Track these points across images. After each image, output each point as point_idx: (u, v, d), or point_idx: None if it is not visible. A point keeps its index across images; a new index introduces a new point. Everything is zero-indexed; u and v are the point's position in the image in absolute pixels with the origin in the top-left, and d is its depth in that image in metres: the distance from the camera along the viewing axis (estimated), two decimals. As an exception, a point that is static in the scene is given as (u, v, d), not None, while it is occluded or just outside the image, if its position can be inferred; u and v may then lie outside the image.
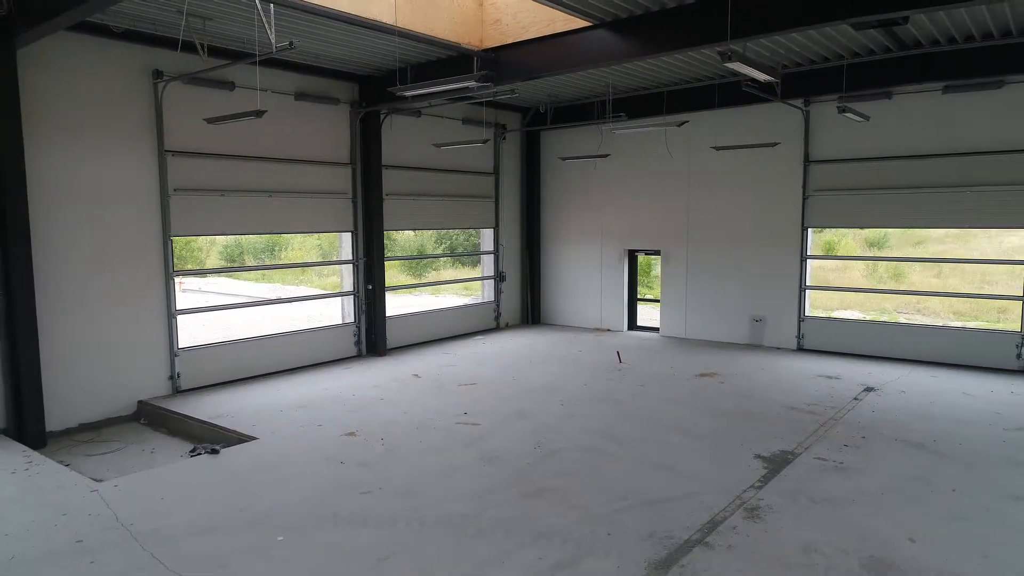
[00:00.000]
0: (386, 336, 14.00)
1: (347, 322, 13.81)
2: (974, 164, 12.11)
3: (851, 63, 12.06)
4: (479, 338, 15.85)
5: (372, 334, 13.84)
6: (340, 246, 13.93)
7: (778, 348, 14.22)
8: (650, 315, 17.01)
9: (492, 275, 17.21)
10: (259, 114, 8.99)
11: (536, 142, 17.51)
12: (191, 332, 11.44)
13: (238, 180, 11.59)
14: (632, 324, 16.89)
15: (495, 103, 15.40)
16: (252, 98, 10.90)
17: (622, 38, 9.74)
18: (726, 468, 7.59)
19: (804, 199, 13.82)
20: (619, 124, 14.34)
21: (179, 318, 11.00)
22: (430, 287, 22.97)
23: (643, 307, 17.31)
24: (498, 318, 17.17)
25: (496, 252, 17.12)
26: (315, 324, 13.60)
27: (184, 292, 11.36)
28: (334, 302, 14.41)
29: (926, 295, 18.25)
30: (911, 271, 21.07)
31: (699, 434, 8.81)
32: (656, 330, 16.24)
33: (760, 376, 11.91)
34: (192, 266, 23.42)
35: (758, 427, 9.05)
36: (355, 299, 13.83)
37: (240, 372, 11.76)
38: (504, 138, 16.88)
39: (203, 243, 26.20)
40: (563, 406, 10.12)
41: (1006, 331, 12.43)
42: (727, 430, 8.97)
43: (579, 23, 9.95)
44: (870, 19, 8.31)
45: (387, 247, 14.10)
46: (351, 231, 13.63)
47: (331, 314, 14.13)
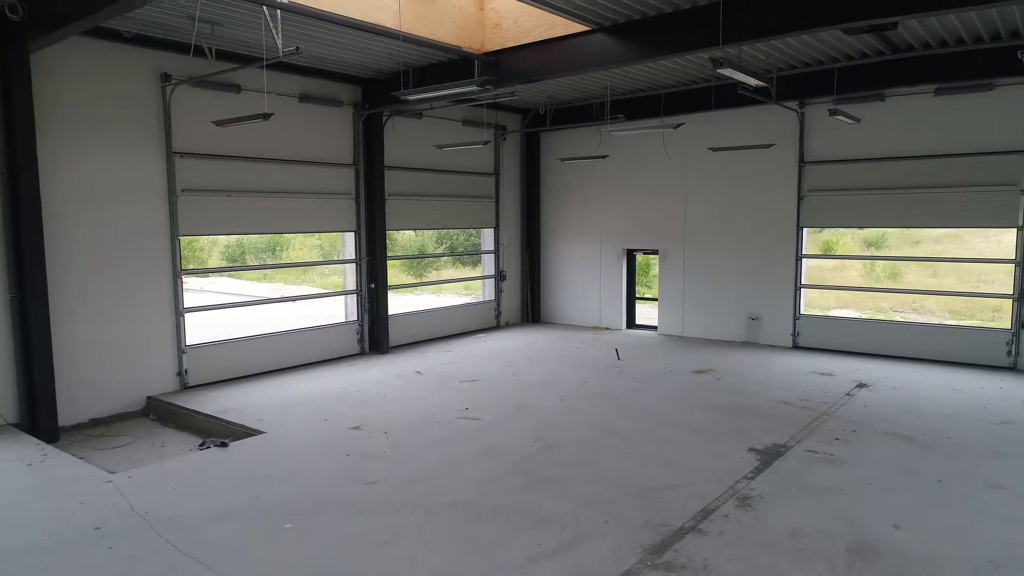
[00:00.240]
0: (388, 334, 14.25)
1: (350, 320, 14.06)
2: (965, 165, 12.35)
3: (845, 66, 12.31)
4: (480, 336, 16.09)
5: (375, 332, 14.09)
6: (343, 245, 14.18)
7: (774, 346, 14.47)
8: (648, 314, 17.26)
9: (493, 274, 17.46)
10: (266, 117, 9.25)
11: (536, 143, 17.76)
12: (195, 330, 11.64)
13: (244, 181, 11.84)
14: (631, 322, 17.14)
15: (495, 105, 15.65)
16: (257, 100, 11.17)
17: (620, 42, 9.99)
18: (720, 460, 7.84)
19: (799, 199, 14.07)
20: (617, 126, 14.60)
21: (186, 316, 11.27)
22: (431, 287, 23.21)
23: (642, 306, 17.56)
24: (498, 316, 17.42)
25: (496, 251, 17.37)
26: (319, 322, 13.82)
27: (187, 292, 11.57)
28: (336, 302, 14.67)
29: (918, 294, 18.48)
30: (908, 271, 21.31)
31: (694, 428, 9.06)
32: (654, 328, 16.48)
33: (755, 373, 12.16)
34: (194, 265, 23.66)
35: (752, 421, 9.30)
36: (358, 298, 14.08)
37: (246, 369, 12.01)
38: (504, 139, 17.13)
39: (205, 243, 26.43)
40: (562, 401, 10.37)
41: (997, 329, 12.68)
42: (722, 424, 9.22)
43: (578, 27, 10.20)
44: (860, 24, 8.57)
45: (388, 247, 14.35)
46: (354, 231, 13.89)
47: (332, 313, 14.36)
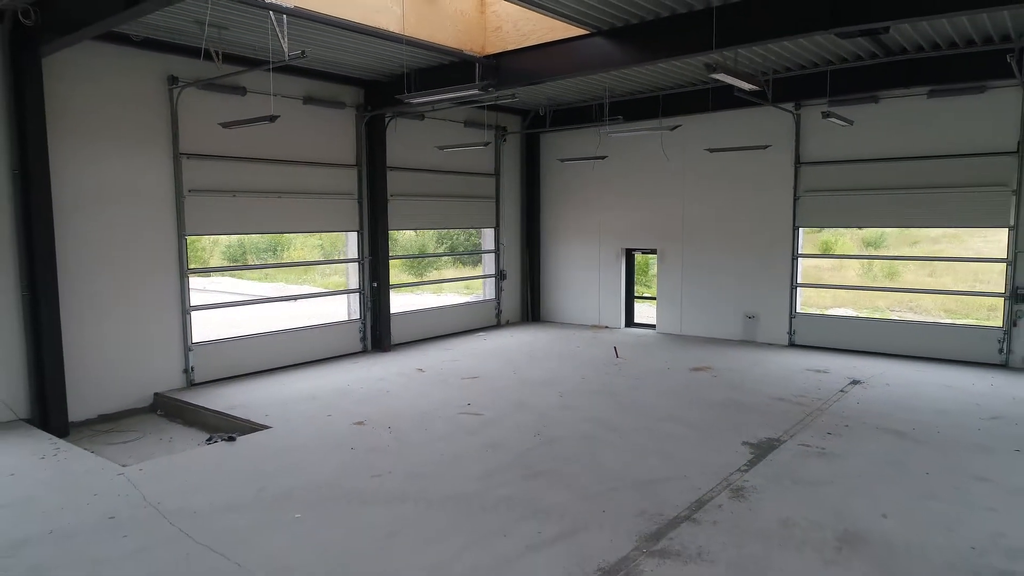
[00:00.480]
0: (390, 332, 14.46)
1: (353, 318, 14.28)
2: (958, 166, 12.56)
3: (839, 68, 12.52)
4: (481, 335, 16.31)
5: (377, 330, 14.30)
6: (346, 245, 14.39)
7: (770, 344, 14.68)
8: (647, 312, 17.47)
9: (493, 273, 17.68)
10: (272, 119, 9.45)
11: (536, 144, 17.97)
12: (200, 329, 11.85)
13: (249, 181, 12.05)
14: (629, 321, 17.35)
15: (496, 106, 15.86)
16: (263, 102, 11.37)
17: (618, 46, 10.21)
18: (715, 454, 8.05)
19: (795, 199, 14.28)
20: (616, 127, 14.81)
21: (192, 314, 11.48)
22: (432, 286, 23.40)
23: (640, 305, 17.76)
24: (499, 315, 17.64)
25: (497, 251, 17.59)
26: (322, 321, 14.03)
27: (191, 291, 11.77)
28: (336, 302, 14.87)
29: (913, 292, 18.60)
30: (905, 270, 21.48)
31: (691, 423, 9.27)
32: (652, 327, 16.70)
33: (752, 370, 12.37)
34: (196, 265, 23.84)
35: (747, 417, 9.51)
36: (360, 296, 14.29)
37: (251, 366, 12.23)
38: (505, 140, 17.34)
39: (206, 243, 26.58)
40: (562, 398, 10.58)
41: (989, 327, 12.89)
42: (717, 420, 9.43)
43: (577, 31, 10.40)
44: (852, 29, 8.79)
45: (390, 247, 14.55)
46: (357, 231, 14.10)
47: (332, 313, 14.53)
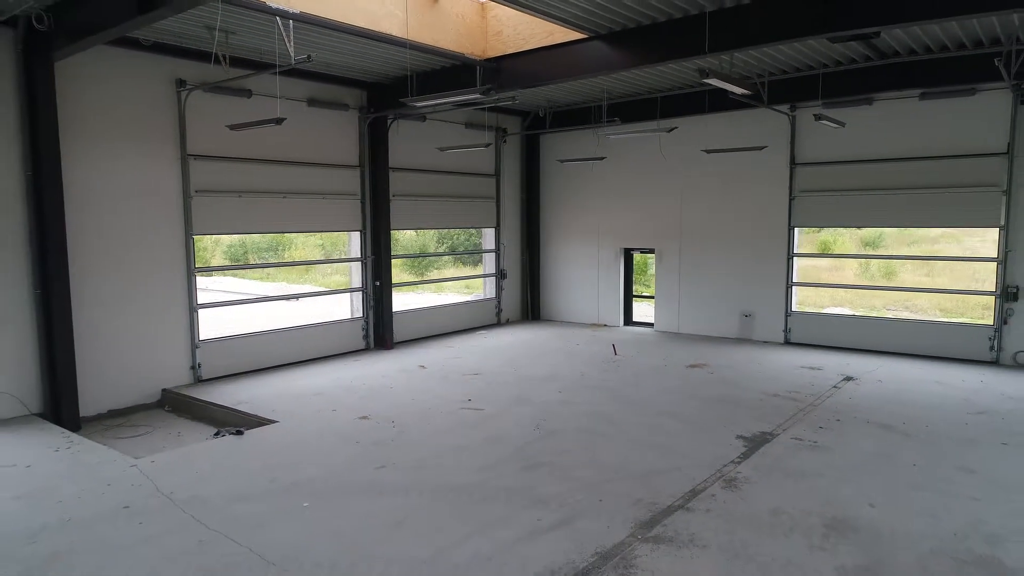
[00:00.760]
0: (393, 330, 14.70)
1: (356, 317, 14.52)
2: (950, 167, 12.80)
3: (834, 71, 12.77)
4: (481, 333, 16.55)
5: (380, 328, 14.55)
6: (349, 244, 14.64)
7: (766, 342, 14.93)
8: (646, 311, 17.70)
9: (494, 273, 17.92)
10: (279, 121, 9.69)
11: (536, 145, 18.21)
12: (205, 327, 12.07)
13: (255, 182, 12.29)
14: (628, 320, 17.59)
15: (496, 108, 16.09)
16: (268, 105, 11.61)
17: (615, 49, 10.46)
18: (709, 446, 8.29)
19: (791, 200, 14.52)
20: (614, 128, 15.06)
21: (199, 312, 11.72)
22: (433, 286, 23.59)
23: (639, 304, 17.99)
24: (499, 314, 17.88)
25: (497, 251, 17.83)
26: (326, 319, 14.27)
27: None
28: (337, 301, 15.08)
29: (906, 291, 18.67)
30: (903, 270, 21.67)
31: (686, 418, 9.52)
32: (651, 325, 16.94)
33: (747, 367, 12.62)
34: (199, 264, 24.04)
35: (742, 412, 9.75)
36: (363, 295, 14.54)
37: (256, 363, 12.47)
38: (505, 141, 17.58)
39: (207, 243, 26.77)
40: (561, 393, 10.82)
41: (981, 325, 13.11)
42: (713, 414, 9.67)
43: (576, 35, 10.66)
44: (843, 34, 9.04)
45: (392, 246, 14.78)
46: (360, 230, 14.34)
47: (334, 313, 14.72)
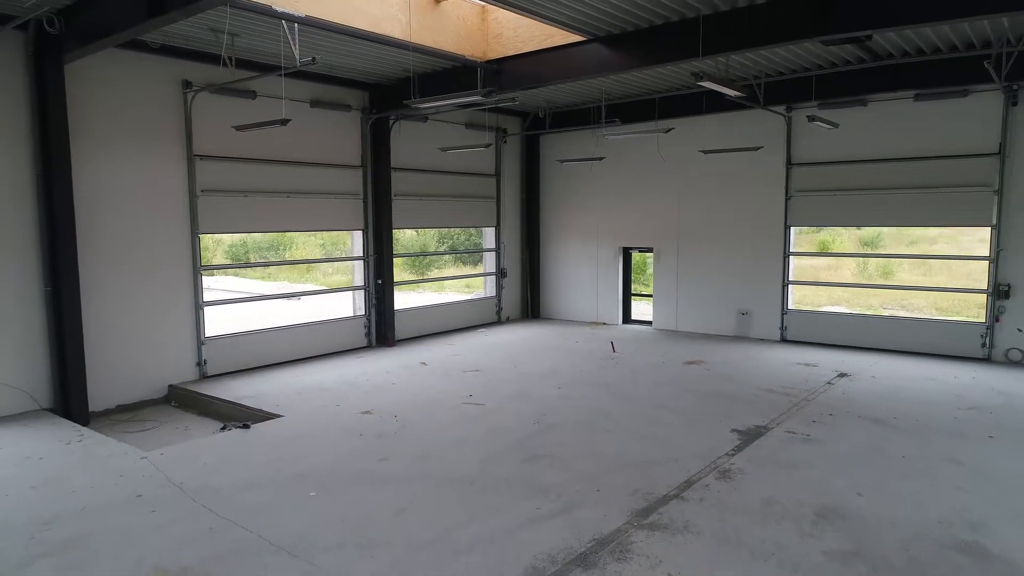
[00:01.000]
0: (395, 328, 14.92)
1: (358, 314, 14.73)
2: (943, 167, 13.01)
3: (829, 73, 12.97)
4: (482, 331, 16.76)
5: (381, 326, 14.76)
6: (352, 243, 14.85)
7: (763, 339, 15.14)
8: (644, 310, 17.92)
9: (494, 271, 18.13)
10: (284, 122, 9.90)
11: (535, 145, 18.42)
12: (210, 324, 12.28)
13: (259, 182, 12.50)
14: (627, 318, 17.81)
15: (497, 109, 16.31)
16: (272, 106, 11.81)
17: (613, 52, 10.67)
18: (705, 439, 8.50)
19: (787, 199, 14.74)
20: (613, 129, 15.27)
21: (205, 309, 11.93)
22: (434, 285, 23.78)
23: (637, 303, 18.21)
24: (499, 312, 18.09)
25: (498, 250, 18.04)
26: (329, 317, 14.48)
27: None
28: (338, 300, 15.28)
29: (899, 289, 18.73)
30: (900, 270, 21.85)
31: (683, 412, 9.73)
32: (649, 323, 17.15)
33: (743, 364, 12.83)
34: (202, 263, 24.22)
35: (737, 406, 9.96)
36: (365, 293, 14.75)
37: (261, 360, 12.69)
38: (505, 142, 17.79)
39: (209, 242, 26.89)
40: (560, 389, 11.04)
41: (974, 322, 13.32)
42: (708, 409, 9.89)
43: (574, 38, 10.87)
44: (835, 37, 9.25)
45: (393, 246, 15.00)
46: (362, 229, 14.56)
47: (337, 310, 14.92)
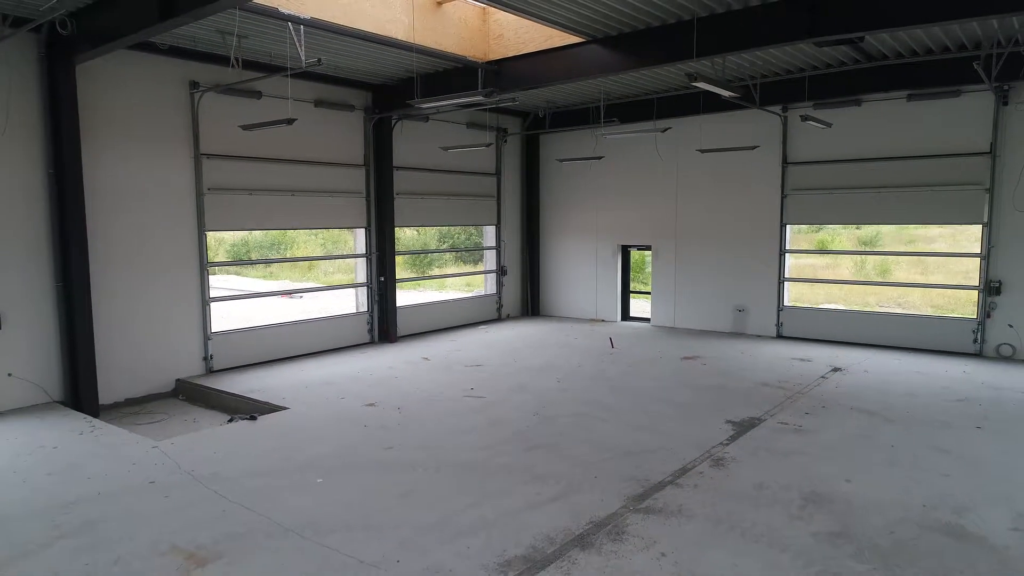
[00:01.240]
0: (397, 324, 15.16)
1: (361, 311, 14.98)
2: (936, 166, 13.26)
3: (824, 74, 13.21)
4: (482, 327, 17.01)
5: (384, 322, 15.01)
6: (354, 241, 15.10)
7: (759, 336, 15.38)
8: (643, 307, 18.15)
9: (494, 269, 18.38)
10: (290, 122, 10.14)
11: (535, 145, 18.67)
12: (215, 320, 12.52)
13: (264, 180, 12.75)
14: (625, 315, 18.06)
15: (497, 108, 16.54)
16: (277, 106, 12.06)
17: (611, 53, 10.92)
18: (700, 430, 8.75)
19: (783, 198, 14.99)
20: (611, 128, 15.52)
21: (211, 305, 12.18)
22: (435, 286, 24.04)
23: (636, 300, 18.44)
24: (500, 309, 18.34)
25: (498, 248, 18.29)
26: (333, 313, 14.74)
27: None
28: (339, 298, 15.52)
29: (892, 286, 18.76)
30: (897, 269, 22.06)
31: (679, 404, 9.98)
32: (647, 320, 17.40)
33: (739, 359, 13.07)
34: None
35: (732, 399, 10.21)
36: (368, 290, 15.00)
37: (265, 355, 12.94)
38: (506, 141, 18.04)
39: (211, 242, 27.07)
40: (559, 383, 11.28)
41: (966, 318, 13.55)
42: (704, 401, 10.14)
43: (573, 39, 11.11)
44: (828, 39, 9.50)
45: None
46: (365, 227, 14.81)
47: (340, 307, 15.15)
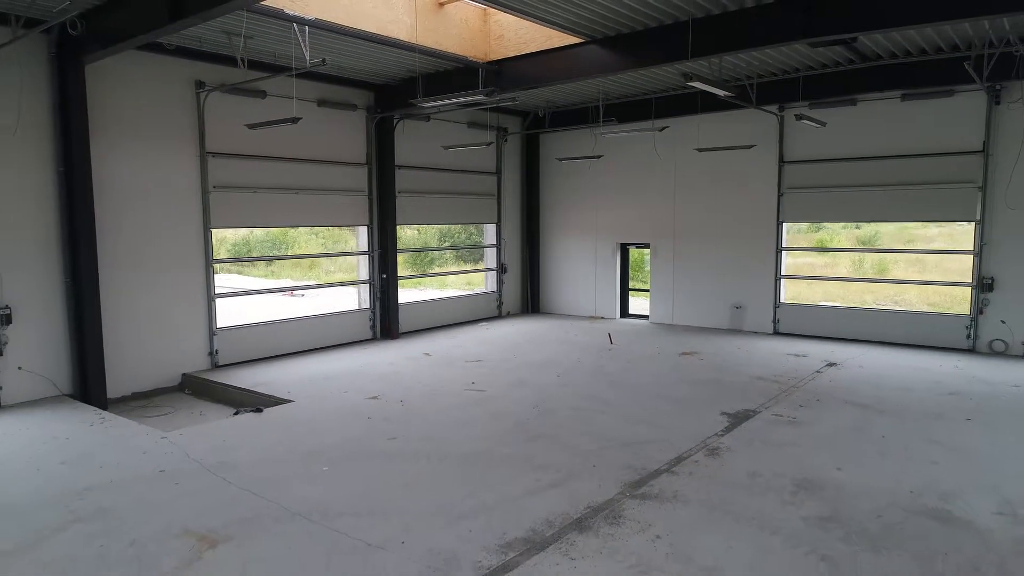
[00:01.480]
0: (398, 321, 15.36)
1: (363, 308, 15.19)
2: (929, 164, 13.46)
3: (820, 74, 13.41)
4: (483, 324, 17.21)
5: (386, 319, 15.21)
6: (357, 238, 15.31)
7: (756, 332, 15.58)
8: (642, 304, 18.35)
9: (495, 267, 18.59)
10: (295, 121, 10.34)
11: (535, 144, 18.88)
12: (220, 316, 12.72)
13: (268, 179, 12.96)
14: (624, 312, 18.26)
15: (498, 108, 16.75)
16: (281, 105, 12.26)
17: (609, 53, 11.12)
18: (696, 421, 8.95)
19: (779, 196, 15.19)
20: (610, 128, 15.73)
21: (216, 301, 12.38)
22: (436, 283, 24.25)
23: (635, 298, 18.65)
24: (500, 306, 18.54)
25: (498, 246, 18.50)
26: (336, 310, 14.94)
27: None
28: (344, 295, 15.72)
29: (885, 283, 18.78)
30: (896, 267, 22.27)
31: (676, 398, 10.18)
32: (646, 317, 17.60)
33: (736, 354, 13.27)
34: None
35: (728, 392, 10.41)
36: (370, 287, 15.20)
37: (269, 351, 13.14)
38: (506, 140, 18.25)
39: (213, 240, 27.30)
40: (559, 377, 11.48)
41: (959, 315, 13.75)
42: (701, 395, 10.33)
43: (573, 40, 11.32)
44: (821, 39, 9.70)
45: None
46: (367, 225, 15.01)
47: (342, 305, 15.33)
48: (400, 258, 15.62)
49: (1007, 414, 9.23)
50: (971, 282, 13.34)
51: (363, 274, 15.32)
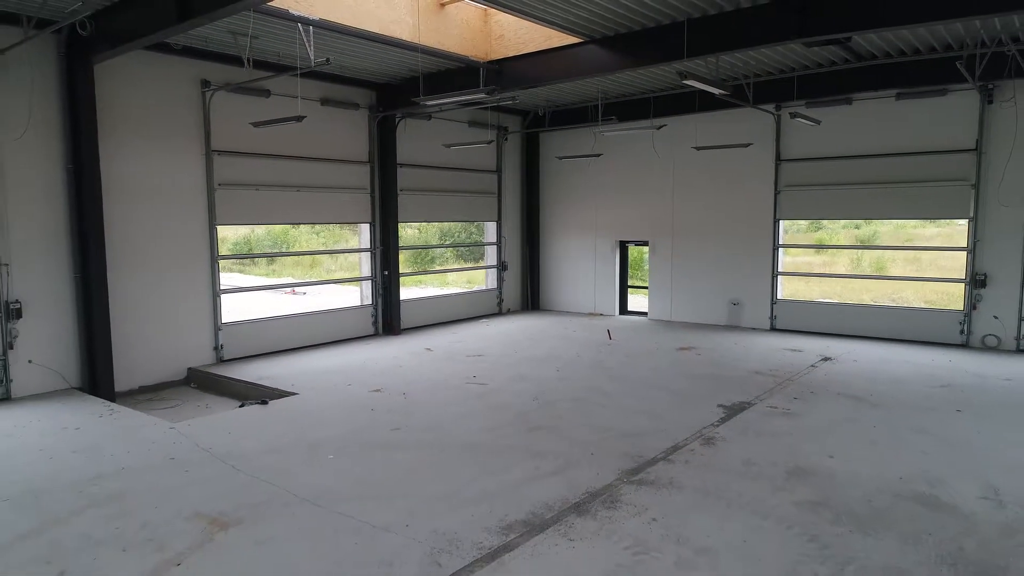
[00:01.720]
0: (400, 317, 15.56)
1: (366, 304, 15.39)
2: (924, 162, 13.66)
3: (816, 73, 13.61)
4: (483, 321, 17.42)
5: (388, 315, 15.41)
6: (359, 236, 15.51)
7: (753, 328, 15.79)
8: (640, 301, 18.56)
9: (495, 264, 18.79)
10: (299, 119, 10.56)
11: (535, 142, 19.08)
12: (225, 311, 12.93)
13: (272, 176, 13.16)
14: (623, 309, 18.47)
15: (498, 107, 16.96)
16: (285, 104, 12.46)
17: (608, 53, 11.32)
18: (692, 413, 9.15)
19: (776, 194, 15.39)
20: (609, 126, 15.93)
21: (222, 297, 12.58)
22: (437, 281, 24.48)
23: (634, 295, 18.85)
24: (500, 303, 18.75)
25: (499, 243, 18.70)
26: (339, 306, 15.15)
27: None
28: (347, 292, 15.94)
29: (878, 279, 18.85)
30: (893, 265, 22.48)
31: (673, 391, 10.38)
32: (645, 314, 17.80)
33: (733, 350, 13.48)
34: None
35: (724, 386, 10.61)
36: (373, 284, 15.40)
37: (273, 346, 13.34)
38: (506, 139, 18.45)
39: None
40: (558, 371, 11.68)
41: (953, 310, 13.95)
42: (698, 388, 10.53)
43: (572, 40, 11.52)
44: (815, 39, 9.90)
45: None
46: (369, 222, 15.21)
47: (344, 301, 15.57)
48: (401, 255, 15.83)
49: (997, 406, 9.43)
50: (964, 278, 13.54)
51: (365, 271, 15.52)
